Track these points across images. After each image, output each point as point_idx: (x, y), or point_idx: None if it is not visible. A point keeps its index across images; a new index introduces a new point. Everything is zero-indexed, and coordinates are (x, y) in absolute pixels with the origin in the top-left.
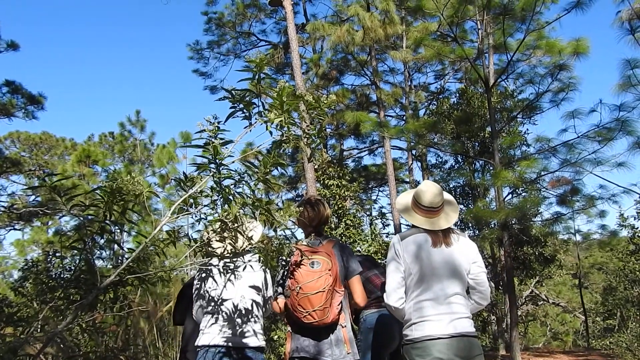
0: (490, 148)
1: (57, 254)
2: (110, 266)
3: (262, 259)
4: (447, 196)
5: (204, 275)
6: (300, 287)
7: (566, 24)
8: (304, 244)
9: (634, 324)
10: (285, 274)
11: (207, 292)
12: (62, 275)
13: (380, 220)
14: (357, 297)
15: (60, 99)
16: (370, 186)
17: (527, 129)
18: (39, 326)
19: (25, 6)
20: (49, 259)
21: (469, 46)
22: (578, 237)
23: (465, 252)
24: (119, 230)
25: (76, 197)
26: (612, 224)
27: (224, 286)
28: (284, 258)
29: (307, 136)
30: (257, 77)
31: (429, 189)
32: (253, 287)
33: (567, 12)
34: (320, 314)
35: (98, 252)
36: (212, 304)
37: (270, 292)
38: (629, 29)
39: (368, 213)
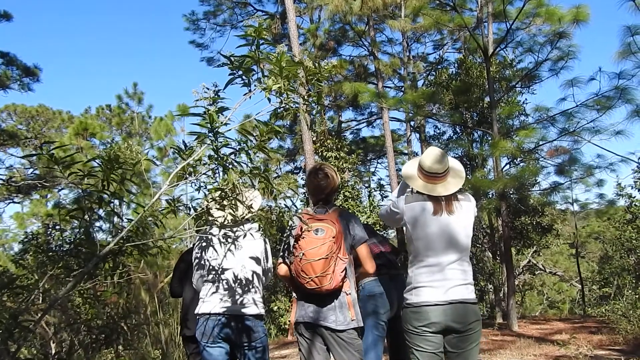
0: (488, 118)
1: (57, 227)
2: (110, 239)
3: (261, 227)
4: (454, 163)
5: (204, 244)
6: (303, 254)
7: None
8: (309, 212)
9: (629, 291)
10: (289, 240)
11: (208, 261)
12: (62, 248)
13: (378, 192)
14: (366, 265)
15: (56, 70)
16: (368, 158)
17: (526, 99)
18: (40, 294)
19: None
20: (48, 232)
21: (468, 15)
22: (576, 207)
23: (467, 218)
24: (118, 203)
25: (74, 165)
26: (610, 194)
27: (224, 255)
28: (290, 225)
29: (307, 103)
30: (256, 42)
31: (432, 154)
32: (253, 256)
33: None
34: (322, 280)
35: (97, 224)
36: (213, 273)
37: (270, 263)
38: None
39: (366, 185)
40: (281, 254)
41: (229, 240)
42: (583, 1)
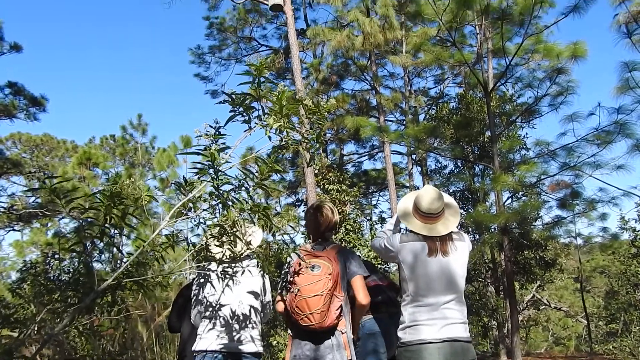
0: (489, 152)
1: (56, 256)
2: (109, 270)
3: (260, 264)
4: (448, 199)
5: (202, 280)
6: (298, 290)
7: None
8: (307, 248)
9: (637, 328)
10: (287, 277)
11: (206, 297)
12: (60, 278)
13: (380, 225)
14: (359, 295)
15: (62, 101)
16: (370, 191)
17: (527, 133)
18: (36, 328)
19: (28, 6)
20: (47, 261)
21: (468, 51)
22: (579, 241)
23: (461, 259)
24: (118, 234)
25: (76, 200)
26: (614, 227)
27: (222, 291)
28: (288, 261)
29: (306, 141)
30: (257, 80)
31: (428, 195)
32: (251, 292)
33: (564, 16)
34: (317, 317)
35: (97, 255)
36: (210, 309)
37: (268, 297)
38: (626, 32)
39: (368, 218)
40: (279, 290)
41: (227, 276)
42: (581, 37)
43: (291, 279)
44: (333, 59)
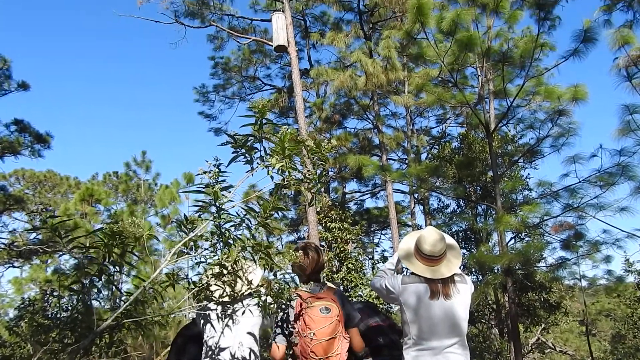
0: (492, 192)
1: (55, 294)
2: (108, 307)
3: (261, 304)
4: (450, 240)
5: (202, 321)
6: (314, 334)
7: (564, 70)
8: (305, 290)
9: None
10: (286, 317)
11: (206, 341)
12: (58, 316)
13: (382, 263)
14: (354, 341)
15: (67, 137)
16: (372, 229)
17: (529, 174)
18: None
19: (36, 42)
20: (46, 298)
21: (469, 91)
22: (584, 283)
23: (464, 302)
24: (117, 271)
25: (77, 239)
26: (618, 270)
27: (222, 332)
28: (285, 302)
29: (308, 181)
30: (259, 122)
31: (430, 236)
32: (251, 334)
33: (565, 59)
34: None
35: (95, 293)
36: (210, 352)
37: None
38: (626, 76)
39: (370, 257)
40: (275, 335)
41: (227, 316)
42: (582, 80)
43: (300, 323)
44: (336, 98)
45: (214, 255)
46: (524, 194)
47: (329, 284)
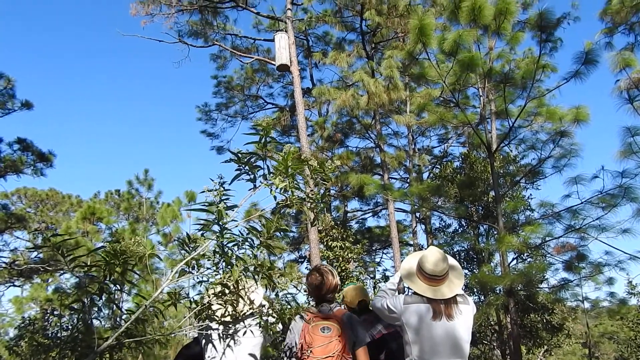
0: (494, 212)
1: (55, 312)
2: (108, 326)
3: (262, 324)
4: (452, 261)
5: (204, 341)
6: (311, 351)
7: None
8: (313, 311)
9: None
10: (292, 341)
11: None
12: (58, 335)
13: (383, 282)
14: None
15: (69, 155)
16: (373, 248)
17: (531, 194)
18: None
19: (39, 60)
20: (46, 317)
21: (471, 111)
22: (586, 305)
23: (466, 323)
24: (118, 290)
25: (79, 258)
26: (621, 292)
27: (223, 353)
28: (291, 325)
29: (311, 201)
30: (263, 140)
31: (433, 256)
32: (252, 354)
33: (566, 81)
34: None
35: (96, 312)
36: None
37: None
38: (627, 98)
39: (371, 276)
40: (282, 354)
41: (228, 336)
42: (583, 101)
43: (301, 341)
44: (338, 117)
45: (216, 275)
46: (525, 214)
47: (340, 307)
